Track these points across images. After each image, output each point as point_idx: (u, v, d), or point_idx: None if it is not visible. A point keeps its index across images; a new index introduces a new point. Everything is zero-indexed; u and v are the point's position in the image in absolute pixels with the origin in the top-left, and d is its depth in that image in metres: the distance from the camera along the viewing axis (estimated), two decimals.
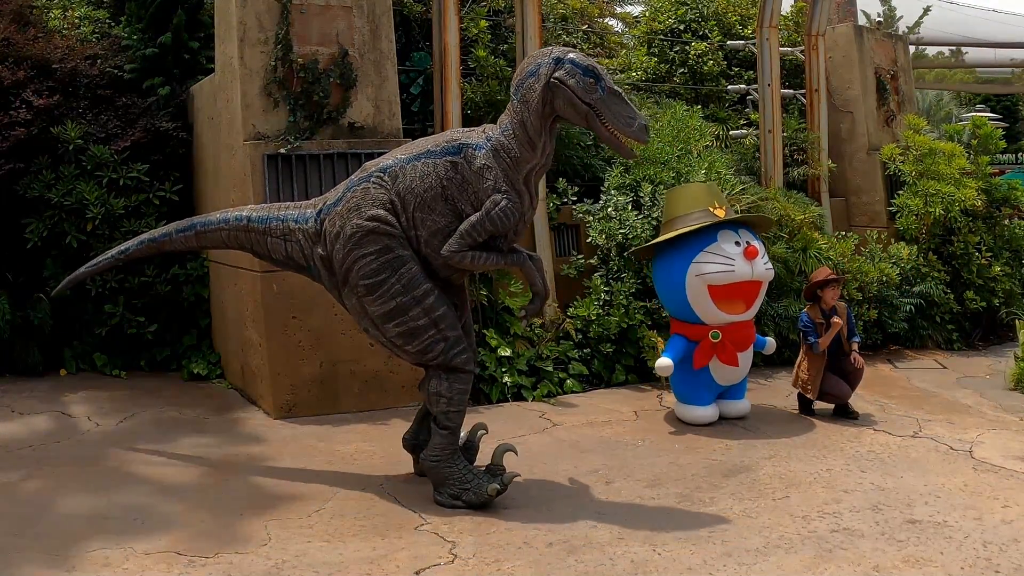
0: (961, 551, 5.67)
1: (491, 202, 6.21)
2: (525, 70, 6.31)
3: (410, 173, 6.34)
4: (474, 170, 6.28)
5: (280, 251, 6.79)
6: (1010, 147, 26.24)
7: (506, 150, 6.27)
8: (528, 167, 6.32)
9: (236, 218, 6.90)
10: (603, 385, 9.93)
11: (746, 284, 8.30)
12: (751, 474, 7.12)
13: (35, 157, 9.59)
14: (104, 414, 8.45)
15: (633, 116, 6.23)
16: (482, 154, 6.29)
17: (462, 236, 6.25)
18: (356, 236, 6.34)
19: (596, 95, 6.17)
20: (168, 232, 7.18)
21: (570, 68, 6.17)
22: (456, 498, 6.40)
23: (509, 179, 6.28)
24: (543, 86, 6.18)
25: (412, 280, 6.31)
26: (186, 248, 7.48)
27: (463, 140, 6.40)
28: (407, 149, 6.58)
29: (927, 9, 26.87)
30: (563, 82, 6.15)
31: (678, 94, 14.49)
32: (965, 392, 9.98)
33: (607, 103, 6.19)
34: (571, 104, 6.18)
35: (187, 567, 5.41)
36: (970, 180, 12.84)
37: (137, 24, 10.80)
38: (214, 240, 7.08)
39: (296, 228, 6.69)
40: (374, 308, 6.37)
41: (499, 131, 6.34)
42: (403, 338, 6.37)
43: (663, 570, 5.41)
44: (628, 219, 10.23)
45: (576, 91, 6.15)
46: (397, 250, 6.32)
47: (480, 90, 11.58)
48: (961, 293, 12.50)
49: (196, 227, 7.06)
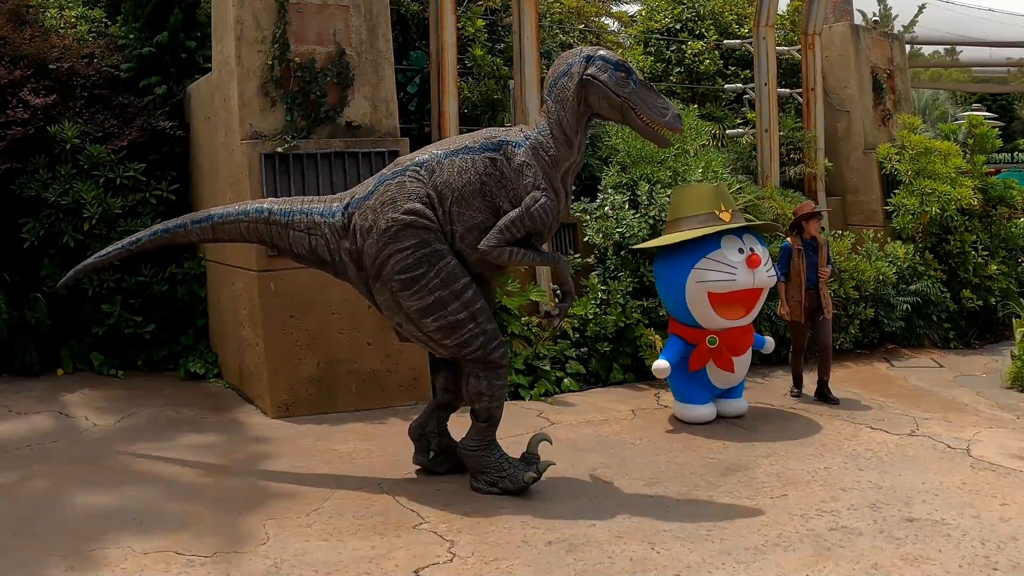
0: (959, 549, 5.68)
1: (531, 198, 6.31)
2: (557, 71, 6.49)
3: (448, 168, 6.41)
4: (514, 167, 6.39)
5: (303, 245, 6.75)
6: (1006, 146, 26.26)
7: (544, 148, 6.40)
8: (566, 165, 6.49)
9: (256, 210, 6.83)
10: (600, 384, 9.94)
11: (747, 292, 8.30)
12: (749, 473, 7.13)
13: (32, 156, 9.58)
14: (101, 413, 8.45)
15: (666, 107, 6.46)
16: (521, 151, 6.41)
17: (501, 231, 6.33)
18: (392, 230, 6.36)
19: (629, 88, 6.37)
20: (183, 223, 7.07)
21: (602, 64, 6.37)
22: (493, 485, 6.52)
23: (548, 177, 6.41)
24: (577, 84, 6.38)
25: (451, 274, 6.36)
26: (200, 240, 7.39)
27: (502, 137, 6.51)
28: (442, 145, 6.67)
29: (923, 7, 26.93)
30: (596, 78, 6.35)
31: (675, 93, 14.52)
32: (962, 390, 10.00)
33: (640, 95, 6.40)
34: (606, 98, 6.37)
35: (186, 566, 5.41)
36: (966, 179, 12.87)
37: (134, 23, 10.79)
38: (231, 232, 6.97)
39: (322, 222, 6.66)
40: (411, 303, 6.39)
41: (536, 131, 6.47)
42: (442, 332, 6.41)
43: (662, 568, 5.42)
44: (625, 218, 10.23)
45: (610, 85, 6.34)
46: (434, 244, 6.36)
47: (477, 89, 11.59)
48: (958, 292, 12.52)
49: (213, 219, 6.95)
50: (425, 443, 7.09)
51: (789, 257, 9.25)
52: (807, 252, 9.23)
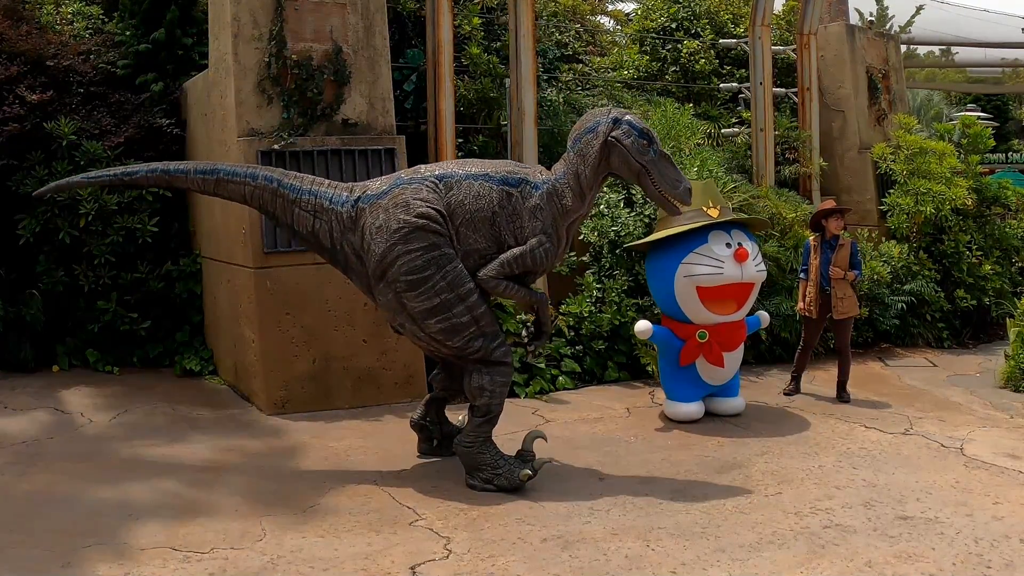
0: (952, 547, 5.71)
1: (537, 241, 6.56)
2: (584, 126, 6.73)
3: (465, 189, 6.57)
4: (528, 207, 6.60)
5: (306, 225, 6.79)
6: (1000, 146, 26.27)
7: (560, 196, 6.65)
8: (575, 216, 6.77)
9: (266, 177, 6.83)
10: (595, 382, 9.96)
11: (736, 285, 8.33)
12: (744, 470, 7.15)
13: (28, 153, 9.56)
14: (97, 410, 8.45)
15: (679, 179, 6.78)
16: (538, 194, 6.64)
17: (502, 265, 6.56)
18: (402, 232, 6.44)
19: (648, 156, 6.66)
20: (186, 169, 7.00)
21: (627, 129, 6.64)
22: (488, 482, 6.59)
23: (555, 224, 6.67)
24: (601, 143, 6.62)
25: (457, 278, 6.47)
26: (198, 190, 7.29)
27: (524, 176, 6.72)
28: (463, 165, 6.82)
29: (919, 8, 26.96)
30: (620, 141, 6.61)
31: (670, 92, 14.53)
32: (956, 390, 10.03)
33: (657, 164, 6.70)
34: (626, 162, 6.65)
35: (182, 563, 5.42)
36: (960, 179, 12.92)
37: (130, 20, 10.77)
38: (233, 192, 6.92)
39: (330, 208, 6.72)
40: (415, 304, 6.47)
41: (555, 177, 6.70)
42: (444, 334, 6.51)
43: (657, 565, 5.44)
44: (620, 216, 10.25)
45: (631, 151, 6.62)
46: (443, 248, 6.48)
47: (473, 87, 11.60)
48: (951, 291, 12.56)
49: (219, 173, 6.90)
50: (428, 433, 7.36)
51: (808, 254, 9.37)
52: (824, 250, 9.27)
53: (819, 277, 9.26)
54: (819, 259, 9.27)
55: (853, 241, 9.56)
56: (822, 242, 9.33)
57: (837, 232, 9.31)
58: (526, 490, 6.59)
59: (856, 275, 9.33)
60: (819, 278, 9.26)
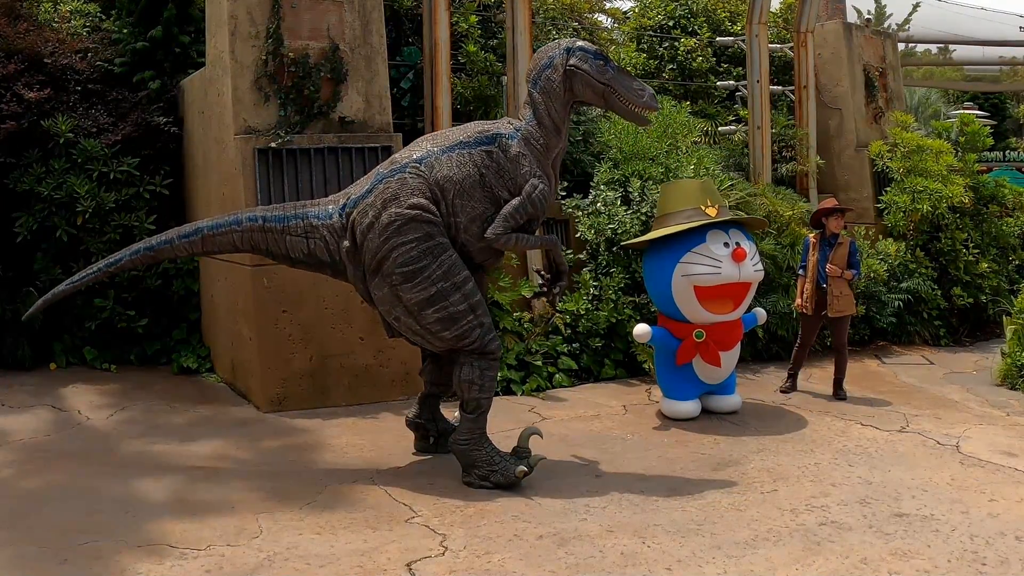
0: (948, 544, 5.72)
1: (530, 186, 6.63)
2: (539, 64, 6.83)
3: (446, 163, 6.62)
4: (510, 158, 6.66)
5: (300, 249, 6.82)
6: (997, 144, 26.24)
7: (535, 138, 6.72)
8: (555, 151, 6.83)
9: (249, 219, 6.86)
10: (592, 379, 9.97)
11: (734, 285, 8.33)
12: (740, 468, 7.16)
13: (25, 150, 9.57)
14: (94, 408, 8.46)
15: (642, 88, 6.88)
16: (515, 143, 6.70)
17: (506, 219, 6.59)
18: (395, 224, 6.47)
19: (609, 75, 6.77)
20: (169, 240, 6.94)
21: (582, 55, 6.76)
22: (485, 479, 6.61)
23: (540, 165, 6.72)
24: (561, 74, 6.74)
25: (452, 267, 6.52)
26: (189, 255, 7.33)
27: (495, 131, 6.78)
28: (435, 141, 6.84)
29: (916, 6, 26.96)
30: (579, 68, 6.74)
31: (667, 90, 14.53)
32: (952, 387, 10.05)
33: (618, 80, 6.79)
34: (589, 86, 6.75)
35: (179, 559, 5.43)
36: (957, 177, 12.93)
37: (128, 18, 10.78)
38: (223, 244, 6.94)
39: (319, 224, 6.77)
40: (412, 295, 6.48)
41: (524, 122, 6.78)
42: (441, 324, 6.53)
43: (652, 562, 5.45)
44: (617, 214, 10.26)
45: (592, 74, 6.73)
46: (437, 237, 6.52)
47: (470, 85, 11.60)
48: (948, 289, 12.58)
49: (203, 231, 6.89)
50: (423, 430, 7.39)
51: (807, 252, 9.42)
52: (823, 248, 9.32)
53: (816, 274, 9.28)
54: (817, 256, 9.29)
55: (852, 241, 9.56)
56: (821, 240, 9.36)
57: (837, 231, 9.34)
58: (522, 487, 6.60)
59: (854, 275, 9.34)
60: (816, 275, 9.29)
